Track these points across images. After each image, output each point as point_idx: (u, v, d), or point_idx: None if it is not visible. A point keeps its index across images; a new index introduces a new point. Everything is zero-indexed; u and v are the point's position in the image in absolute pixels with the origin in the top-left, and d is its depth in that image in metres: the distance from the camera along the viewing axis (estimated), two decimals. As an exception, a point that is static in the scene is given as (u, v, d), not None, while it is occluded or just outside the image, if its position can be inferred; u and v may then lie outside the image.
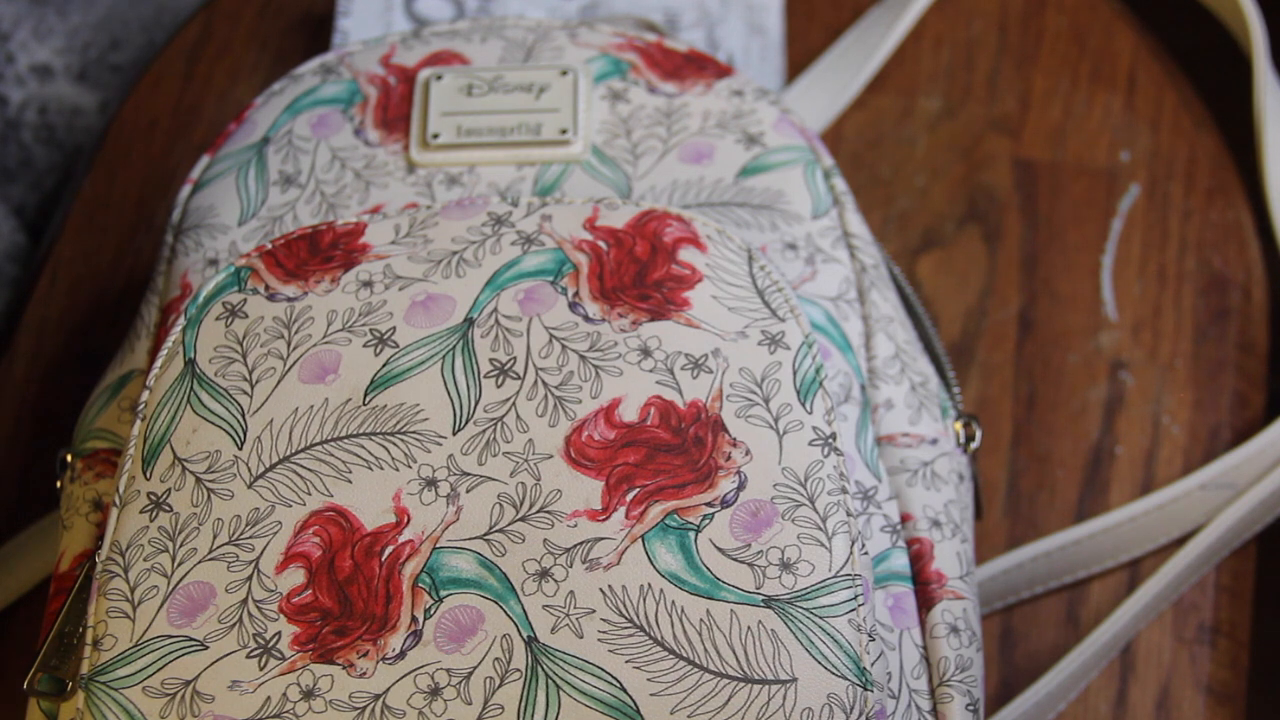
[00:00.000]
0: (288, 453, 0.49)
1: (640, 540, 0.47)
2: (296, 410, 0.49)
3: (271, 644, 0.47)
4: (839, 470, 0.48)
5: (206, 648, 0.47)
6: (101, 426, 0.55)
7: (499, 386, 0.49)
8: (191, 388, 0.50)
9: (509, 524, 0.48)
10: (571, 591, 0.47)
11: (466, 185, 0.56)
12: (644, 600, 0.46)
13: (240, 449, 0.49)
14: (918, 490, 0.53)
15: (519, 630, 0.46)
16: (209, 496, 0.49)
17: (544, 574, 0.47)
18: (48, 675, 0.48)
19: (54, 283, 0.71)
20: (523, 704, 0.45)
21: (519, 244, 0.52)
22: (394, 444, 0.49)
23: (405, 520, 0.48)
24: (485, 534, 0.48)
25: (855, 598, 0.47)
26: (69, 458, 0.55)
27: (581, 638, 0.46)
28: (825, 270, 0.55)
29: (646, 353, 0.50)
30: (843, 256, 0.56)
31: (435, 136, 0.57)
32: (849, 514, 0.48)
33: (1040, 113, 0.73)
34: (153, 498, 0.49)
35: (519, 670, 0.46)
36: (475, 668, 0.46)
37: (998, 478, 0.66)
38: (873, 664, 0.47)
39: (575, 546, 0.47)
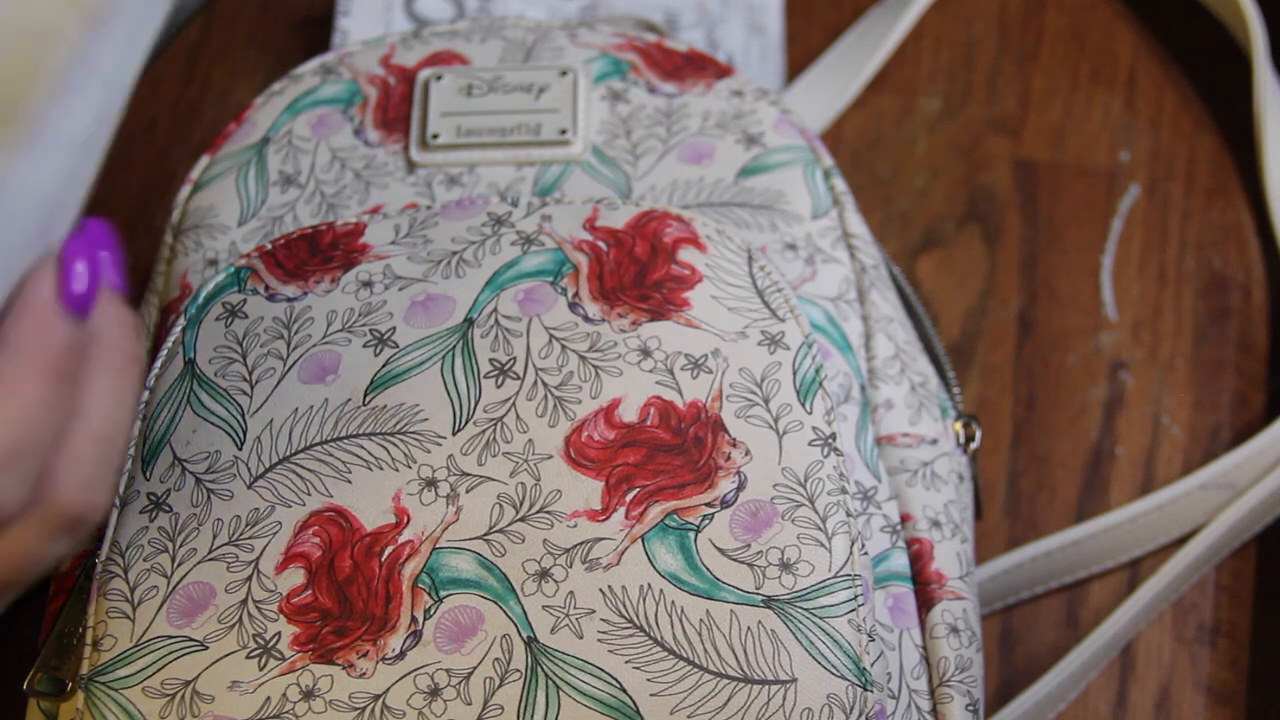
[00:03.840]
0: (288, 453, 0.49)
1: (640, 540, 0.47)
2: (296, 410, 0.49)
3: (271, 644, 0.47)
4: (839, 470, 0.48)
5: (206, 648, 0.47)
6: (101, 427, 0.55)
7: (499, 387, 0.49)
8: (191, 388, 0.50)
9: (509, 524, 0.47)
10: (571, 592, 0.47)
11: (466, 185, 0.56)
12: (644, 600, 0.46)
13: (240, 449, 0.49)
14: (918, 490, 0.53)
15: (519, 630, 0.46)
16: (209, 497, 0.49)
17: (544, 574, 0.47)
18: (48, 675, 0.48)
19: (54, 283, 0.70)
20: (522, 704, 0.45)
21: (519, 244, 0.52)
22: (394, 444, 0.49)
23: (405, 520, 0.48)
24: (485, 534, 0.48)
25: (855, 598, 0.47)
26: (69, 458, 0.55)
27: (581, 638, 0.46)
28: (825, 270, 0.55)
29: (646, 353, 0.50)
30: (843, 257, 0.56)
31: (435, 137, 0.57)
32: (849, 514, 0.48)
33: (1040, 113, 0.73)
34: (153, 498, 0.49)
35: (519, 670, 0.46)
36: (475, 668, 0.46)
37: (998, 478, 0.66)
38: (872, 664, 0.47)
39: (575, 547, 0.47)
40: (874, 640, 0.47)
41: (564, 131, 0.57)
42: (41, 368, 0.39)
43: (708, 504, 0.48)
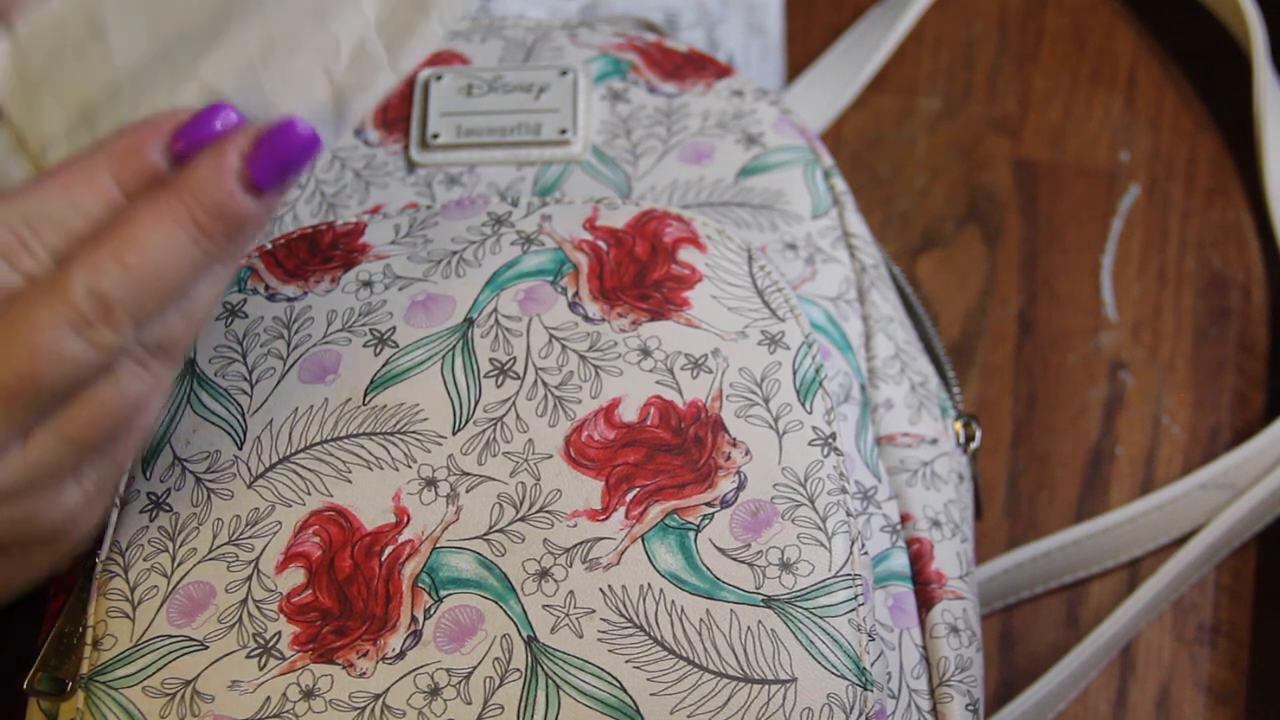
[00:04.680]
0: (288, 452, 0.49)
1: (640, 540, 0.47)
2: (296, 410, 0.49)
3: (271, 644, 0.47)
4: (839, 470, 0.48)
5: (206, 647, 0.47)
6: (101, 426, 0.55)
7: (499, 386, 0.49)
8: (191, 387, 0.50)
9: (509, 524, 0.47)
10: (571, 591, 0.47)
11: (466, 185, 0.56)
12: (644, 600, 0.46)
13: (240, 449, 0.49)
14: (917, 490, 0.53)
15: (519, 630, 0.46)
16: (209, 496, 0.49)
17: (544, 574, 0.47)
18: (48, 675, 0.48)
19: (54, 283, 0.70)
20: (522, 704, 0.45)
21: (519, 244, 0.52)
22: (394, 444, 0.49)
23: (405, 520, 0.48)
24: (485, 534, 0.48)
25: (855, 598, 0.47)
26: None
27: (581, 637, 0.46)
28: (825, 270, 0.55)
29: (646, 353, 0.50)
30: (843, 256, 0.56)
31: (435, 136, 0.57)
32: (849, 514, 0.48)
33: (1040, 113, 0.73)
34: (153, 497, 0.49)
35: (519, 670, 0.46)
36: (475, 668, 0.46)
37: (998, 478, 0.66)
38: (872, 664, 0.47)
39: (575, 546, 0.47)
40: (874, 640, 0.47)
41: (564, 131, 0.57)
42: (189, 215, 0.40)
43: (708, 504, 0.48)
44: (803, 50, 0.75)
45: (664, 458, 0.48)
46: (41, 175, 0.40)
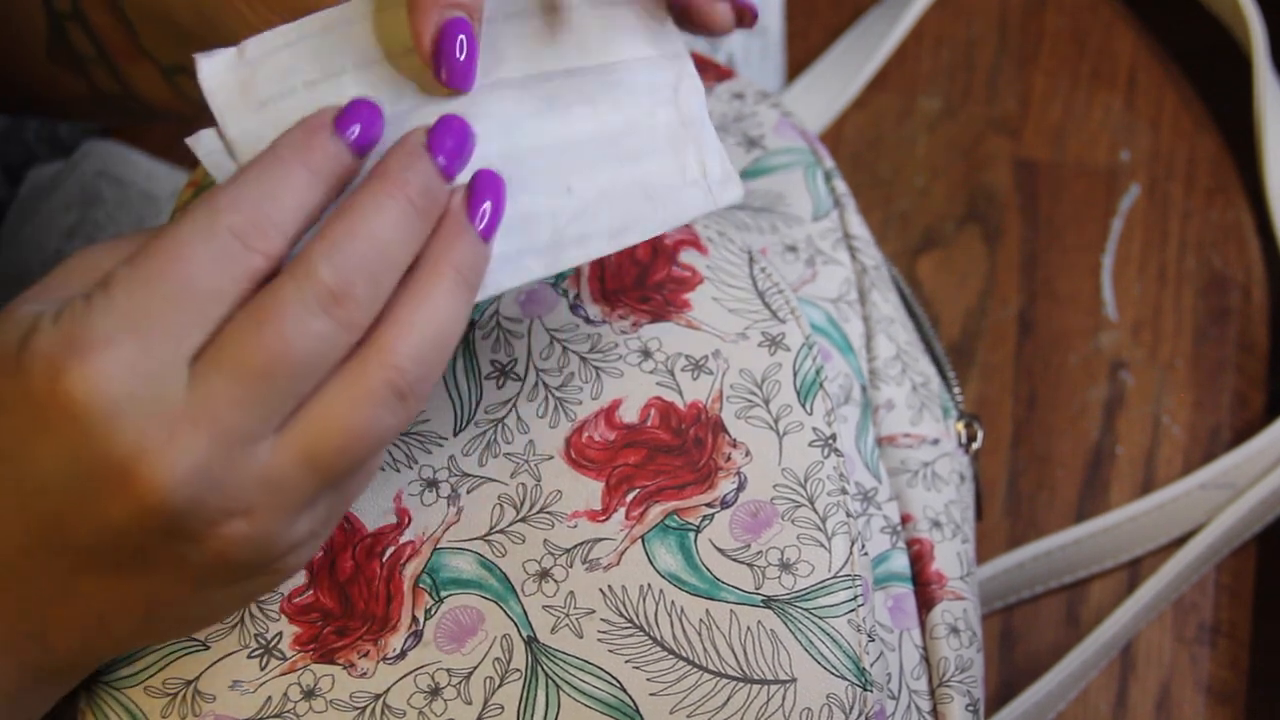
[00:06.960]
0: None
1: (640, 541, 0.47)
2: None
3: (273, 644, 0.47)
4: (839, 471, 0.49)
5: (208, 648, 0.47)
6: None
7: (500, 388, 0.49)
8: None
9: (509, 525, 0.48)
10: (571, 592, 0.47)
11: (467, 186, 0.56)
12: (644, 600, 0.46)
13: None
14: (918, 491, 0.53)
15: (519, 630, 0.46)
16: (210, 497, 0.49)
17: (544, 574, 0.47)
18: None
19: (56, 283, 0.71)
20: (522, 703, 0.45)
21: (519, 245, 0.52)
22: (395, 445, 0.49)
23: (406, 521, 0.48)
24: (486, 535, 0.48)
25: (855, 598, 0.47)
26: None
27: (581, 638, 0.46)
28: (825, 272, 0.55)
29: (647, 354, 0.50)
30: (843, 258, 0.56)
31: (436, 137, 0.57)
32: (849, 515, 0.48)
33: (1040, 113, 0.73)
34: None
35: (519, 670, 0.46)
36: (475, 668, 0.46)
37: (998, 478, 0.66)
38: (872, 664, 0.47)
39: (575, 547, 0.47)
40: (874, 640, 0.47)
41: (565, 132, 0.57)
42: (394, 191, 0.41)
43: (708, 504, 0.48)
44: (803, 50, 0.75)
45: (664, 459, 0.48)
46: (241, 171, 0.41)
